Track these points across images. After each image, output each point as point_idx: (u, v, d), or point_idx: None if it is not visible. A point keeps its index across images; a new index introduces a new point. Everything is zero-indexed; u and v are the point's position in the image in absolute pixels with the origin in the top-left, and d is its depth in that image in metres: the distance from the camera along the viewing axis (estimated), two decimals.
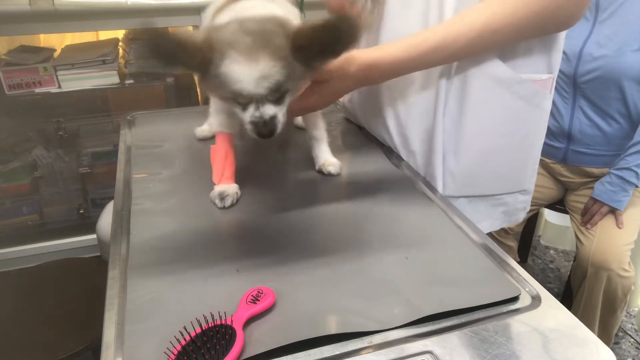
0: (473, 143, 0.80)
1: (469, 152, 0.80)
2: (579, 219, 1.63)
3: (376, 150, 0.93)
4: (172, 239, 0.66)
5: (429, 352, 0.48)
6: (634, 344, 1.79)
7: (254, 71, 0.57)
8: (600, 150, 1.55)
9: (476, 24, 0.68)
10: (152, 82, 1.88)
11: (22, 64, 1.70)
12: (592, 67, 1.46)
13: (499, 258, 0.63)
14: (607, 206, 1.51)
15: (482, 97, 0.77)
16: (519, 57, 0.76)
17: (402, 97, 0.84)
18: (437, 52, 0.70)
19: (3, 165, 1.85)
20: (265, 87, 0.58)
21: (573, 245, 2.14)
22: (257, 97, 0.59)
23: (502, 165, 0.84)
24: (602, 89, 1.47)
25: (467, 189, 0.83)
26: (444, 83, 0.77)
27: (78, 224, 1.97)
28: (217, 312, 0.49)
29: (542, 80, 0.79)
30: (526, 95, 0.78)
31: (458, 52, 0.71)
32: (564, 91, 1.55)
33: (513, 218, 0.91)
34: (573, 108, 1.54)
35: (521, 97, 0.78)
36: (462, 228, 0.69)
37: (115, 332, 0.50)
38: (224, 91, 0.60)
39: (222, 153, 0.77)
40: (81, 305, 1.17)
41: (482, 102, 0.77)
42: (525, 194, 0.90)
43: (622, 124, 1.49)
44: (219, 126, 0.78)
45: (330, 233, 0.68)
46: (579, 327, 0.52)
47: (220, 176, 0.76)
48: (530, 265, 2.21)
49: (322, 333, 0.49)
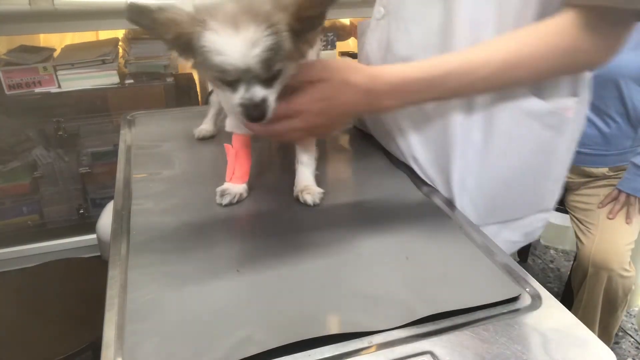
0: (498, 173, 0.76)
1: (493, 181, 0.76)
2: (579, 218, 1.63)
3: (378, 152, 0.93)
4: (172, 239, 0.66)
5: (429, 352, 0.48)
6: (634, 344, 1.79)
7: (239, 40, 0.52)
8: (599, 150, 1.55)
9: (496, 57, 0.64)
10: (152, 82, 1.88)
11: (22, 64, 1.70)
12: None
13: (499, 258, 0.63)
14: (625, 194, 1.51)
15: (511, 130, 0.72)
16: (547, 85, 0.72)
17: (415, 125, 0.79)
18: (450, 79, 0.65)
19: (3, 165, 1.85)
20: (255, 57, 0.53)
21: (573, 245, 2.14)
22: (245, 71, 0.54)
23: (526, 191, 0.79)
24: (600, 89, 1.47)
25: (490, 218, 0.79)
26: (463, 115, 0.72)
27: (78, 224, 1.98)
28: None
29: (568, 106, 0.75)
30: (556, 125, 0.74)
31: (475, 84, 0.65)
32: None
33: (532, 236, 0.86)
34: None
35: (551, 127, 0.74)
36: (462, 228, 0.69)
37: (115, 332, 0.50)
38: (210, 69, 0.56)
39: (233, 153, 0.77)
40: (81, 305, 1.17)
41: (510, 135, 0.73)
42: (546, 211, 0.84)
43: (620, 123, 1.49)
44: (231, 127, 0.78)
45: (330, 233, 0.68)
46: (579, 327, 0.52)
47: (231, 175, 0.76)
48: (530, 265, 2.21)
49: (322, 333, 0.49)
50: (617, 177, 1.58)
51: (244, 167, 0.77)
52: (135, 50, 1.85)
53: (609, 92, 1.46)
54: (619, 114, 1.48)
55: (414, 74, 0.65)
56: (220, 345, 0.47)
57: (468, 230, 0.69)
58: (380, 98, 0.66)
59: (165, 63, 1.88)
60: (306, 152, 0.78)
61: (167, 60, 1.89)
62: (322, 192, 0.75)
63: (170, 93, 1.93)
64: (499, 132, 0.73)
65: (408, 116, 0.80)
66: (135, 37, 1.87)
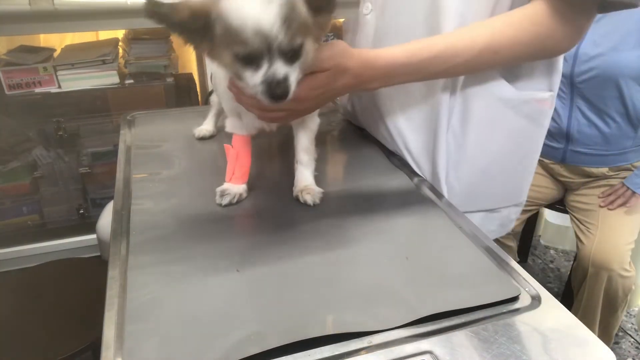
0: (475, 161, 0.80)
1: (470, 169, 0.81)
2: (579, 218, 1.63)
3: (376, 151, 0.93)
4: (172, 239, 0.66)
5: (429, 352, 0.48)
6: (634, 344, 1.79)
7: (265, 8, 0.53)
8: (599, 150, 1.55)
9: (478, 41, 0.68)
10: (152, 82, 1.88)
11: (22, 64, 1.70)
12: (588, 67, 1.46)
13: (499, 258, 0.63)
14: (631, 190, 1.51)
15: (486, 117, 0.77)
16: (522, 77, 0.77)
17: (403, 110, 0.83)
18: (435, 62, 0.69)
19: (3, 165, 1.85)
20: (277, 21, 0.54)
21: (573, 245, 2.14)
22: (268, 38, 0.54)
23: (502, 181, 0.84)
24: (600, 88, 1.47)
25: (468, 205, 0.82)
26: (447, 100, 0.77)
27: (78, 224, 1.97)
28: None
29: (544, 99, 0.79)
30: (530, 114, 0.79)
31: (457, 67, 0.70)
32: (561, 92, 1.54)
33: (506, 228, 0.93)
34: (571, 108, 1.54)
35: (525, 116, 0.79)
36: (462, 228, 0.69)
37: (115, 332, 0.50)
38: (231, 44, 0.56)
39: (234, 154, 0.77)
40: (81, 305, 1.17)
41: (486, 121, 0.77)
42: (519, 205, 0.91)
43: (620, 123, 1.49)
44: (232, 128, 0.78)
45: (330, 233, 0.68)
46: (579, 327, 0.52)
47: (230, 175, 0.76)
48: (530, 265, 2.21)
49: (322, 333, 0.49)
50: (617, 177, 1.58)
51: (244, 168, 0.77)
52: (135, 50, 1.85)
53: (609, 92, 1.46)
54: (619, 113, 1.48)
55: (401, 59, 0.69)
56: (220, 345, 0.47)
57: (469, 231, 0.69)
58: (369, 81, 0.71)
59: (165, 63, 1.88)
60: (307, 152, 0.78)
61: (167, 60, 1.89)
62: (322, 191, 0.76)
63: (170, 93, 1.92)
64: (475, 119, 0.77)
65: (398, 104, 0.83)
66: (135, 37, 1.87)
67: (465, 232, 0.68)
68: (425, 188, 0.81)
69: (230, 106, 0.76)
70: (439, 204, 0.76)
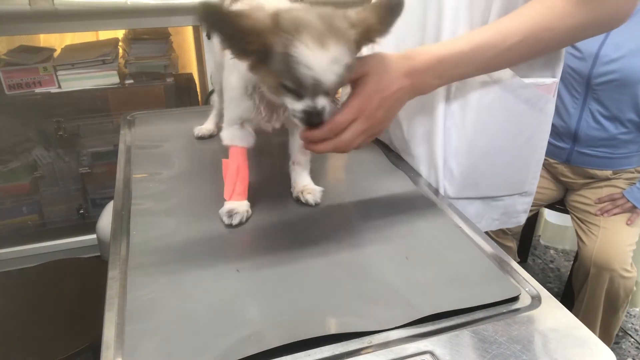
0: (475, 145, 0.80)
1: (471, 154, 0.80)
2: (580, 219, 1.62)
3: (375, 149, 0.93)
4: (172, 239, 0.66)
5: (429, 352, 0.48)
6: (634, 344, 1.78)
7: (326, 57, 0.54)
8: (605, 152, 1.54)
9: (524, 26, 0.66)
10: (152, 82, 1.88)
11: (22, 64, 1.70)
12: (608, 70, 1.42)
13: (499, 258, 0.63)
14: (631, 203, 1.51)
15: (485, 100, 0.77)
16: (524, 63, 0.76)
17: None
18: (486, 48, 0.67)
19: (3, 165, 1.85)
20: (335, 73, 0.56)
21: (573, 245, 2.14)
22: (324, 85, 0.56)
23: (503, 167, 0.83)
24: (616, 93, 1.44)
25: (468, 191, 0.83)
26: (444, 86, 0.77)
27: (78, 224, 1.98)
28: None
29: (546, 85, 0.78)
30: (530, 99, 0.78)
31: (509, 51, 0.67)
32: (575, 91, 1.52)
33: (514, 220, 0.90)
34: (582, 109, 1.52)
35: (525, 101, 0.78)
36: (462, 228, 0.69)
37: (115, 332, 0.50)
38: (287, 78, 0.57)
39: (234, 168, 0.73)
40: (81, 305, 1.17)
41: (485, 105, 0.77)
42: (526, 195, 0.89)
43: (630, 129, 1.48)
44: (232, 139, 0.74)
45: (330, 233, 0.68)
46: (579, 327, 0.52)
47: (231, 192, 0.72)
48: (530, 265, 2.21)
49: (322, 333, 0.49)
50: (618, 178, 1.57)
51: (245, 182, 0.74)
52: (135, 50, 1.85)
53: (625, 97, 1.43)
54: (631, 121, 1.46)
55: (447, 51, 0.67)
56: (219, 345, 0.47)
57: (469, 231, 0.69)
58: (423, 76, 0.68)
59: (165, 63, 1.88)
60: (303, 154, 0.78)
61: (167, 60, 1.89)
62: (322, 190, 0.76)
63: (170, 93, 1.93)
64: (474, 103, 0.77)
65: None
66: (135, 37, 1.87)
67: (465, 232, 0.68)
68: (425, 188, 0.81)
69: (238, 114, 0.73)
70: (439, 204, 0.76)
